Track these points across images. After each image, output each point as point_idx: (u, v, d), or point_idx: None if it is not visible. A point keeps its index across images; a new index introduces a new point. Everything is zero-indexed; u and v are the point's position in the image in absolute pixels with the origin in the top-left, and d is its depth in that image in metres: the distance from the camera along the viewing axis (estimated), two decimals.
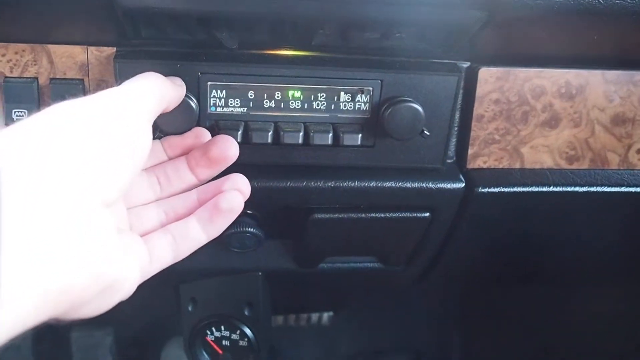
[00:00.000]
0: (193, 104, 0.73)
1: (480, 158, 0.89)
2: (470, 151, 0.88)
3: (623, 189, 0.93)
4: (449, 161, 0.89)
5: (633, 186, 0.93)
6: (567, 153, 0.90)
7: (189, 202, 0.69)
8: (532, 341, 1.57)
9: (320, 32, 0.77)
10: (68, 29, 0.75)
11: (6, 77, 0.77)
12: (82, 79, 0.77)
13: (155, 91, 0.61)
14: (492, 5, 0.71)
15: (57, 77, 0.77)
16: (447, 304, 1.70)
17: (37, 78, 0.77)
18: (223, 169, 0.71)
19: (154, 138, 0.72)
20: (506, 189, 0.89)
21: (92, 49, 0.77)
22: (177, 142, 0.73)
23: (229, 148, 0.70)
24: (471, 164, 0.89)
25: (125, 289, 0.58)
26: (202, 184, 0.70)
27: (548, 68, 0.85)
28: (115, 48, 0.77)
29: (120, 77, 0.74)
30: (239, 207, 0.68)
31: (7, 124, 0.74)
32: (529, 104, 0.86)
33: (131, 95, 0.58)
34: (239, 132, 0.76)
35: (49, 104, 0.75)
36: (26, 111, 0.76)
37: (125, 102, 0.56)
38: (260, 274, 1.04)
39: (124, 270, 0.57)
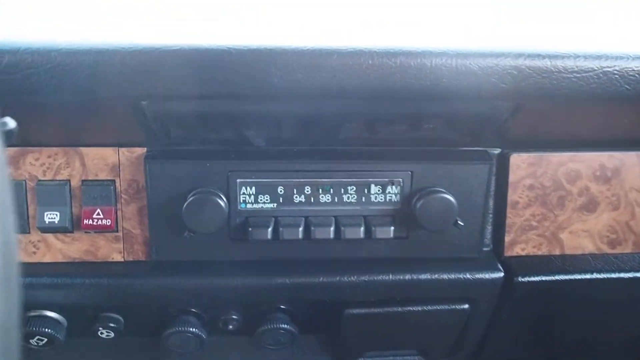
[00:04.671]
0: (222, 202, 0.73)
1: (518, 245, 0.86)
2: (507, 238, 0.86)
3: None
4: (485, 249, 0.86)
5: None
6: (609, 237, 0.87)
7: None
8: None
9: (347, 127, 0.76)
10: (100, 132, 0.76)
11: (39, 180, 0.77)
12: (114, 180, 0.78)
13: None
14: (518, 96, 0.70)
15: (89, 178, 0.78)
16: None
17: (69, 180, 0.78)
18: None
19: (184, 236, 0.72)
20: (547, 277, 0.86)
21: (123, 150, 0.78)
22: None
23: None
24: (509, 252, 0.86)
25: None
26: None
27: (581, 152, 0.84)
28: (145, 148, 0.77)
29: (151, 176, 0.75)
30: None
31: (38, 227, 0.75)
32: (564, 188, 0.84)
33: None
34: (269, 229, 0.75)
35: (80, 205, 0.77)
36: (58, 213, 0.77)
37: None
38: None
39: None
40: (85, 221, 0.77)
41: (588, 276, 0.87)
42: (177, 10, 0.82)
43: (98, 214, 0.77)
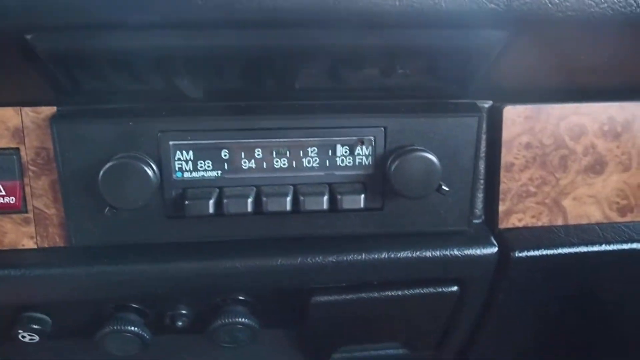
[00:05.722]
0: (150, 170, 0.62)
1: (514, 215, 0.78)
2: (501, 207, 0.78)
3: None
4: (476, 221, 0.78)
5: None
6: (618, 203, 0.80)
7: None
8: None
9: (304, 74, 0.65)
10: None
11: None
12: (17, 148, 0.66)
13: None
14: (510, 21, 0.59)
15: None
16: None
17: None
18: None
19: (104, 213, 0.62)
20: (549, 252, 0.78)
21: (27, 110, 0.66)
22: None
23: None
24: (504, 223, 0.78)
25: None
26: None
27: (586, 102, 0.75)
28: (55, 107, 0.65)
29: (61, 142, 0.64)
30: None
31: None
32: (567, 146, 0.76)
33: None
34: (211, 202, 0.65)
35: None
36: None
37: None
38: None
39: None
40: None
41: (596, 249, 0.80)
42: None
43: None
